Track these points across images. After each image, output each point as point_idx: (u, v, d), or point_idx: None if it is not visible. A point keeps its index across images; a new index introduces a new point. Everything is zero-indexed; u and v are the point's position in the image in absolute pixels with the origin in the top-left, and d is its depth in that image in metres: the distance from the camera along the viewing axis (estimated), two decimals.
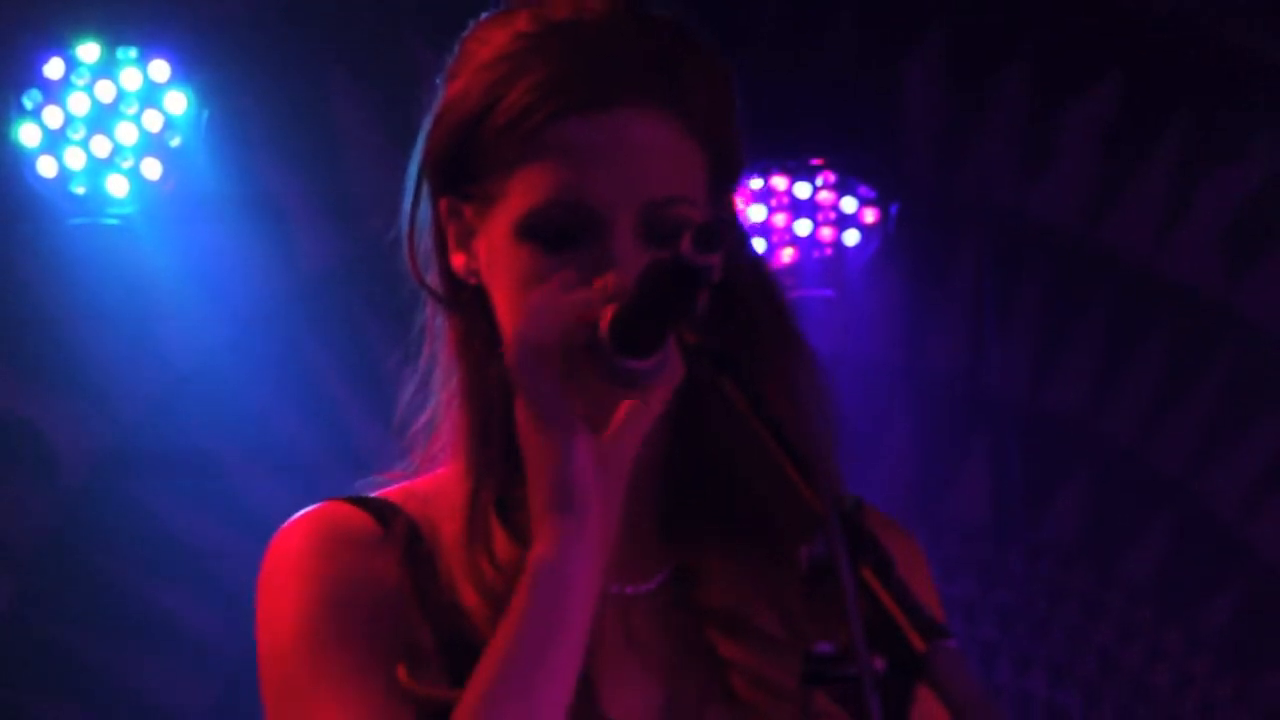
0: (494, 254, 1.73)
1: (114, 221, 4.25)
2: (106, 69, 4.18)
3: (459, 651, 1.71)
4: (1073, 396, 4.71)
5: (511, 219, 1.71)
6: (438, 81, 1.72)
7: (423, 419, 1.76)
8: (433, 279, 1.77)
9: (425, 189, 1.78)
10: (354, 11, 4.41)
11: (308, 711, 1.77)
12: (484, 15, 1.74)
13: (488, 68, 1.70)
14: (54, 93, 4.16)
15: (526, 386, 1.69)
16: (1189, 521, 4.74)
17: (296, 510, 1.75)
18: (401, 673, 1.71)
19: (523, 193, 1.71)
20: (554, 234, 1.70)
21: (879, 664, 1.46)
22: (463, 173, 1.74)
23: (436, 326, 1.78)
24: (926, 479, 4.69)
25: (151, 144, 4.19)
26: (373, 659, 1.77)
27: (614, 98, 1.70)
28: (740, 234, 1.79)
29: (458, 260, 1.75)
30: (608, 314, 1.62)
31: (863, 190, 4.51)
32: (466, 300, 1.76)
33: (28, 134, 4.14)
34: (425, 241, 1.78)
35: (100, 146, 4.18)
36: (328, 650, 1.79)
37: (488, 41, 1.70)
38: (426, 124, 1.74)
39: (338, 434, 3.96)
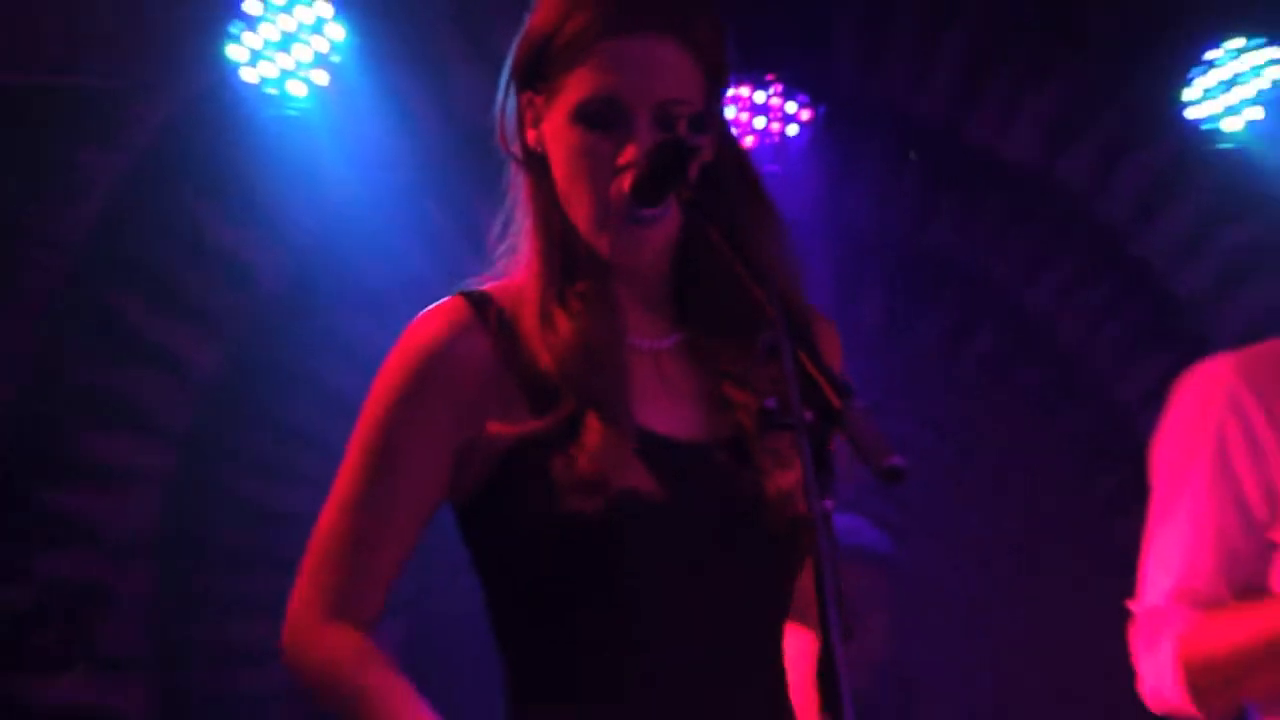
0: (555, 131, 2.05)
1: (295, 114, 4.75)
2: (288, 7, 4.64)
3: (539, 394, 2.05)
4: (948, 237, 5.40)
5: (567, 107, 2.03)
6: (524, 14, 2.08)
7: (506, 243, 2.13)
8: (515, 149, 2.10)
9: (512, 88, 2.10)
10: None
11: (375, 463, 2.08)
12: None
13: (556, 2, 2.04)
14: (252, 23, 4.63)
15: None
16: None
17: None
18: (493, 426, 2.04)
19: (575, 89, 2.03)
20: (595, 119, 2.02)
21: (808, 416, 1.73)
22: (537, 74, 2.06)
23: (518, 183, 2.12)
24: (839, 300, 5.12)
25: (320, 60, 4.71)
26: (429, 446, 2.08)
27: (642, 27, 2.02)
28: (725, 129, 2.10)
29: (530, 136, 2.07)
30: (629, 179, 1.97)
31: (800, 97, 5.10)
32: (536, 164, 2.08)
33: (235, 52, 4.61)
34: (510, 124, 2.11)
35: (285, 61, 4.66)
36: (379, 442, 2.10)
37: None
38: (515, 42, 2.08)
39: (449, 268, 3.60)
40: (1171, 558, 2.81)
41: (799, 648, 2.13)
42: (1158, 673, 2.78)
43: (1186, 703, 2.76)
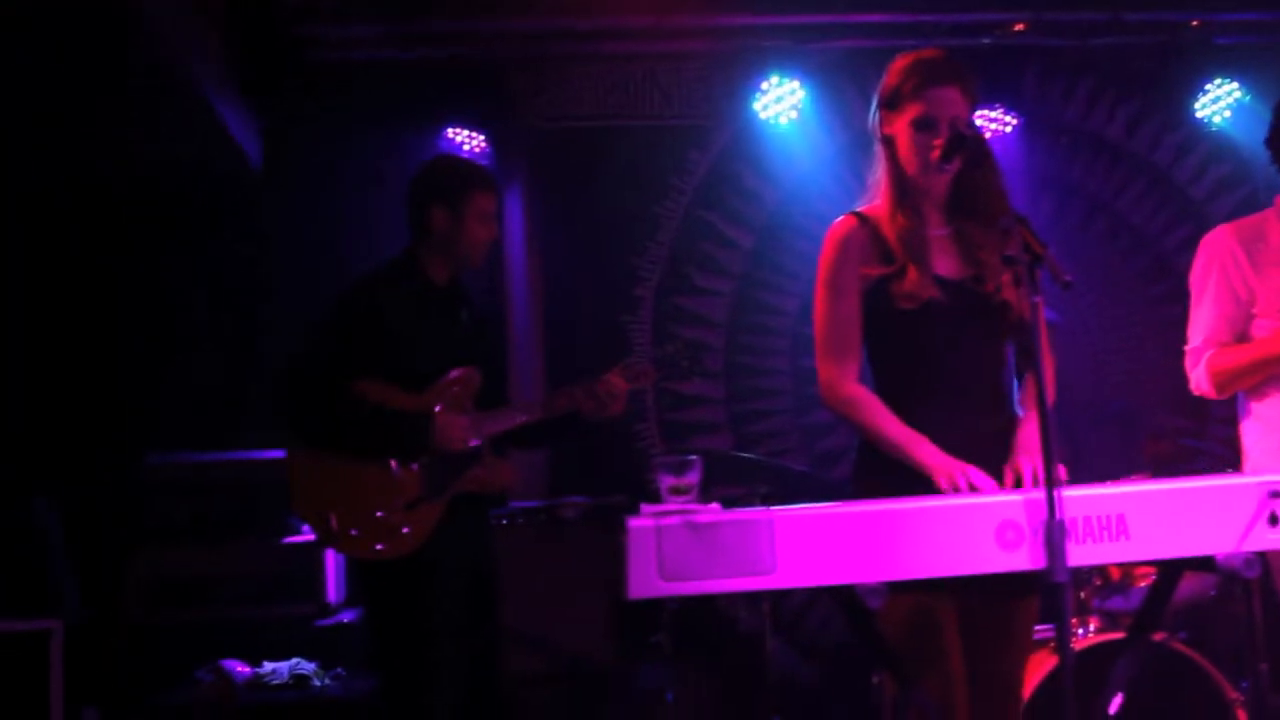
0: (900, 130, 3.37)
1: (783, 133, 7.08)
2: (779, 85, 6.94)
3: (886, 255, 3.26)
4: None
5: (908, 120, 3.34)
6: (881, 78, 3.38)
7: (872, 185, 3.17)
8: (880, 138, 3.40)
9: (877, 110, 3.37)
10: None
11: (832, 295, 3.19)
12: (899, 54, 3.30)
13: (901, 71, 3.39)
14: (764, 92, 6.95)
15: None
16: None
17: None
18: (864, 269, 3.20)
19: (911, 111, 3.31)
20: (921, 126, 3.30)
21: (1025, 257, 2.75)
22: (890, 103, 3.39)
23: (878, 154, 3.40)
24: (1028, 202, 6.79)
25: (794, 107, 7.09)
26: (850, 290, 3.07)
27: (942, 82, 3.27)
28: (976, 127, 3.22)
29: (885, 131, 3.42)
30: (936, 152, 3.31)
31: (1011, 114, 7.19)
32: (889, 144, 3.39)
33: (758, 105, 7.08)
34: (876, 126, 3.41)
35: (778, 108, 6.99)
36: (830, 294, 3.21)
37: (900, 63, 3.38)
38: (877, 91, 3.40)
39: (852, 205, 3.70)
40: (1202, 324, 4.10)
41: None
42: (1198, 377, 4.10)
43: (1212, 391, 4.08)
